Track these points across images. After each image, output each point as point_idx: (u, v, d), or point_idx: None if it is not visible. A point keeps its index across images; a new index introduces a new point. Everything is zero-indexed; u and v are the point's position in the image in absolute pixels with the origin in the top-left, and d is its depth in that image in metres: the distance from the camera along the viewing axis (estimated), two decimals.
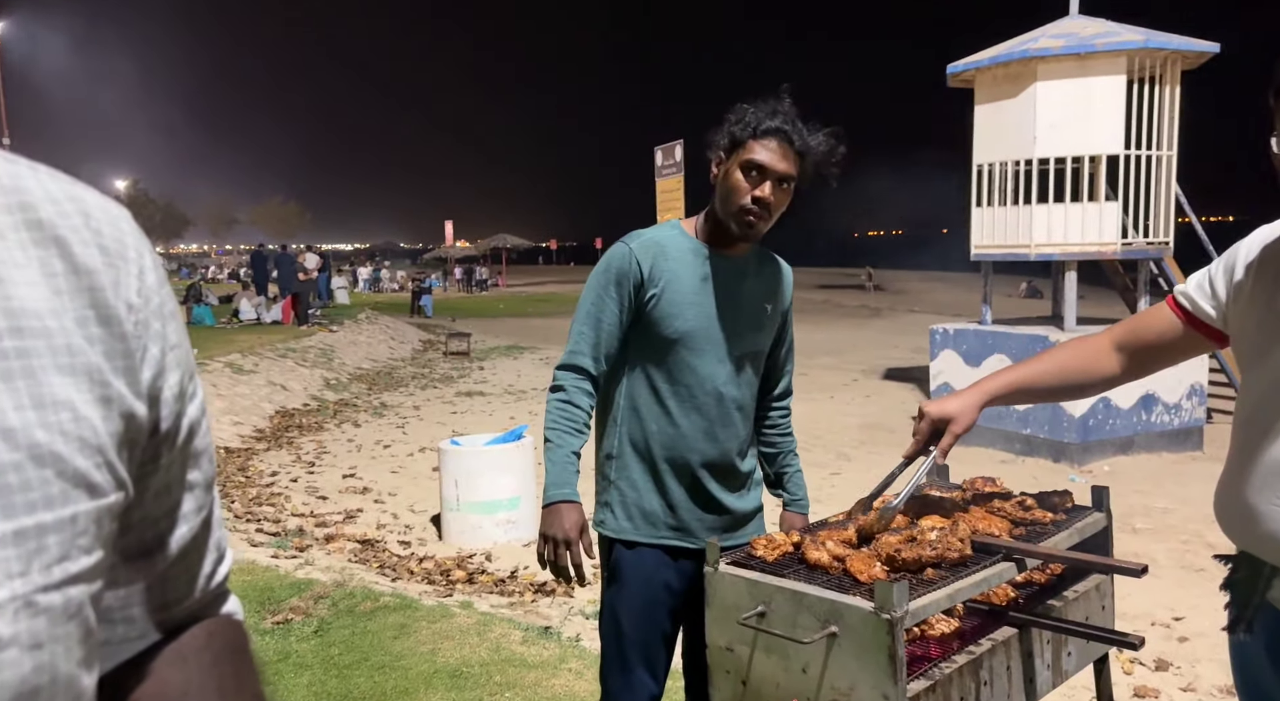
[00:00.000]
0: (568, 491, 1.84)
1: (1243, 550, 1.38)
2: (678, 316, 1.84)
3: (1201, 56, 8.07)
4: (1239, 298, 1.38)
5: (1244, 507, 1.34)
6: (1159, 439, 7.84)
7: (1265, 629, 1.34)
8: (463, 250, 46.70)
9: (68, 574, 0.47)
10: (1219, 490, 1.42)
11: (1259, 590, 1.33)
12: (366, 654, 3.24)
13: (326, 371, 12.80)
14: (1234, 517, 1.37)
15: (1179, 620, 4.40)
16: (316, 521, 6.15)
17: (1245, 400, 1.39)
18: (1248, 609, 1.35)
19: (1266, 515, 1.29)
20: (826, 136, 1.80)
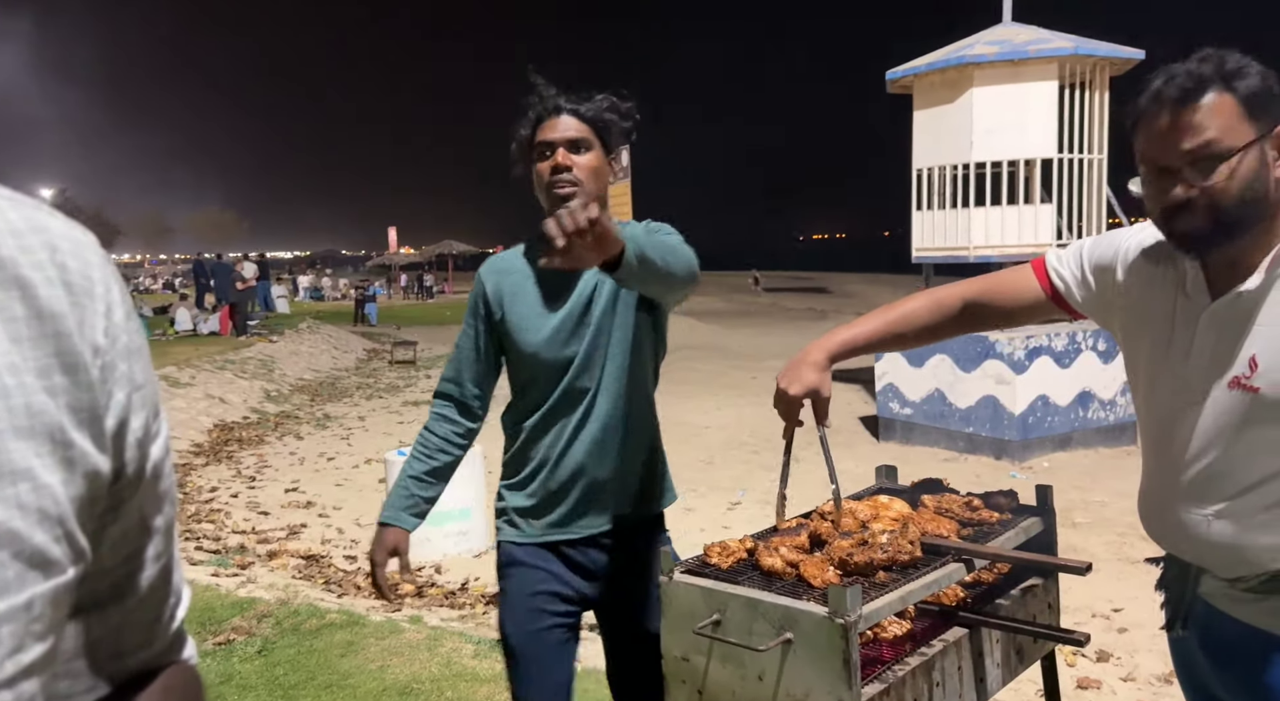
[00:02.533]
0: (388, 515, 1.94)
1: (1169, 552, 1.42)
2: (525, 330, 1.84)
3: (1128, 63, 8.35)
4: (1115, 300, 1.43)
5: (1163, 516, 1.39)
6: (1095, 435, 8.06)
7: (1198, 624, 1.38)
8: (407, 257, 46.13)
9: (20, 666, 0.42)
10: (1141, 498, 1.46)
11: (1189, 588, 1.38)
12: (313, 673, 3.15)
13: (267, 383, 12.50)
14: (1156, 524, 1.42)
15: (1118, 612, 4.52)
16: (259, 538, 5.99)
17: (1149, 410, 1.43)
18: (1181, 606, 1.40)
19: (1184, 522, 1.34)
20: (603, 97, 1.82)
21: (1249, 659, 1.30)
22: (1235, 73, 1.18)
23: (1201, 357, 1.29)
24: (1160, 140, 1.23)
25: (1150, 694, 3.69)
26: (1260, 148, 1.19)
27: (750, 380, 13.04)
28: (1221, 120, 1.18)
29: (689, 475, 7.57)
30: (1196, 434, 1.30)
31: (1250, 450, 1.25)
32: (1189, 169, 1.21)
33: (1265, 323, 1.23)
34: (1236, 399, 1.25)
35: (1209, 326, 1.28)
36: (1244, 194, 1.20)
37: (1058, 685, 1.76)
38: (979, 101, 8.12)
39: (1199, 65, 1.20)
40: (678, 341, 20.77)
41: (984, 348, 7.79)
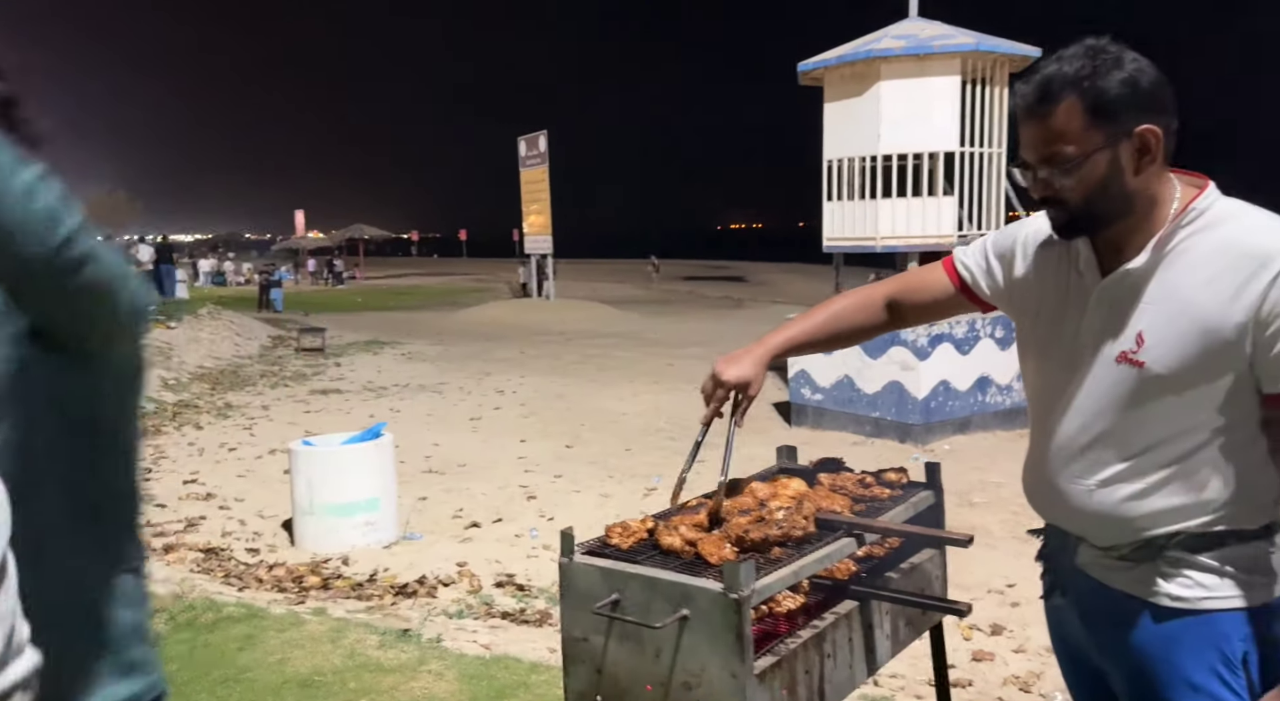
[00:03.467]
0: None
1: (1050, 523, 1.50)
2: None
3: (1026, 60, 8.69)
4: (1017, 285, 1.49)
5: (1047, 487, 1.46)
6: (993, 418, 8.41)
7: (1076, 592, 1.46)
8: (316, 241, 44.73)
9: None
10: (1025, 470, 1.54)
11: (1068, 558, 1.46)
12: (207, 668, 3.04)
13: (164, 371, 11.97)
14: (1040, 496, 1.50)
15: (1012, 587, 4.73)
16: (154, 531, 5.74)
17: (1040, 385, 1.50)
18: (1060, 576, 1.47)
19: (1067, 492, 1.41)
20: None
21: (1120, 623, 1.38)
22: (1093, 75, 1.23)
23: (1091, 333, 1.36)
24: (1023, 139, 1.32)
25: (1039, 663, 3.88)
26: (1111, 151, 1.25)
27: (667, 367, 13.13)
28: (1068, 128, 1.25)
29: (606, 462, 7.60)
30: (1084, 407, 1.37)
31: (1134, 422, 1.32)
32: (1044, 168, 1.29)
33: (1151, 300, 1.29)
34: (1123, 373, 1.31)
35: (1099, 303, 1.35)
36: (1091, 196, 1.27)
37: (944, 654, 1.83)
38: (886, 95, 8.33)
39: (1060, 67, 1.25)
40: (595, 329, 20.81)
41: (890, 335, 8.03)
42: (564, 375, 12.60)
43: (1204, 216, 1.29)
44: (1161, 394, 1.29)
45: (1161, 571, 1.34)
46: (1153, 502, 1.32)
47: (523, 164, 23.29)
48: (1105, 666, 1.45)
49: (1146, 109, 1.25)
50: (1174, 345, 1.27)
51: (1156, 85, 1.25)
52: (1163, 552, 1.34)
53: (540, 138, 22.63)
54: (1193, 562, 1.32)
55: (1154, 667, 1.35)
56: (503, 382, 12.00)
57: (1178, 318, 1.27)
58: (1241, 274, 1.23)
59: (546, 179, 22.38)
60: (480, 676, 3.06)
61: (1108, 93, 1.23)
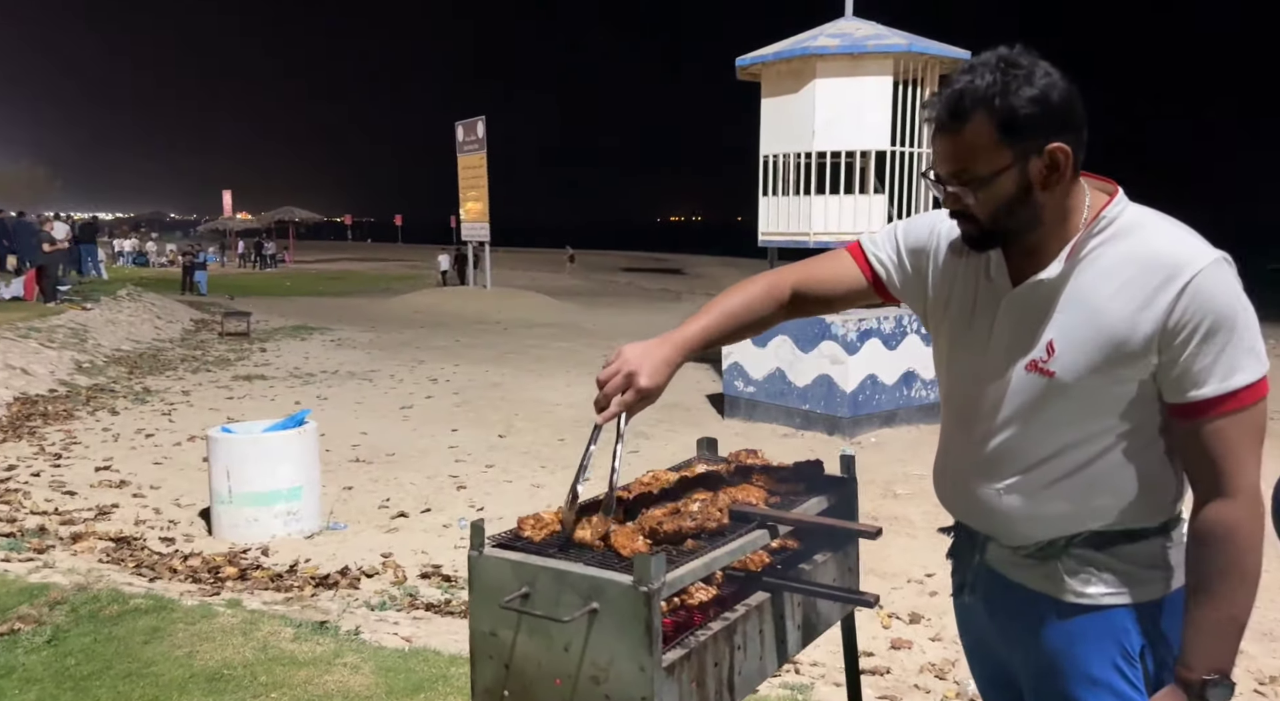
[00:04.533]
0: None
1: (959, 521, 1.52)
2: None
3: (956, 62, 8.88)
4: (927, 283, 1.49)
5: (956, 487, 1.48)
6: (917, 412, 8.61)
7: (983, 588, 1.49)
8: (244, 222, 43.40)
9: None
10: (937, 471, 1.55)
11: (977, 556, 1.48)
12: (110, 662, 2.92)
13: (78, 353, 11.48)
14: (949, 495, 1.52)
15: (931, 576, 4.86)
16: (62, 519, 5.51)
17: (949, 388, 1.51)
18: (969, 573, 1.50)
19: (975, 494, 1.43)
20: None
21: (1026, 619, 1.41)
22: (1004, 92, 1.20)
23: (1001, 340, 1.36)
24: (935, 152, 1.32)
25: (955, 651, 3.99)
26: (1019, 169, 1.24)
27: (602, 358, 13.11)
28: (976, 146, 1.24)
29: (540, 452, 7.55)
30: (993, 412, 1.38)
31: (1042, 428, 1.33)
32: (953, 183, 1.29)
33: (1061, 309, 1.30)
34: (1032, 381, 1.32)
35: (1009, 310, 1.35)
36: (999, 212, 1.27)
37: (855, 644, 1.86)
38: (821, 92, 8.43)
39: (972, 81, 1.23)
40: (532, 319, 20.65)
41: (821, 329, 8.15)
42: (499, 364, 12.48)
43: (1114, 224, 1.29)
44: (1069, 401, 1.31)
45: (1067, 569, 1.37)
46: (1058, 505, 1.35)
47: (460, 149, 22.95)
48: (1012, 662, 1.48)
49: (1057, 127, 1.23)
50: (1082, 354, 1.28)
51: (1067, 100, 1.23)
52: (1067, 551, 1.36)
53: (479, 123, 22.31)
54: (1095, 560, 1.35)
55: (1057, 662, 1.38)
56: (436, 371, 11.84)
57: (1087, 326, 1.28)
58: (1150, 285, 1.24)
59: (484, 165, 22.09)
60: (398, 669, 3.01)
61: (1018, 111, 1.21)
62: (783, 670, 3.39)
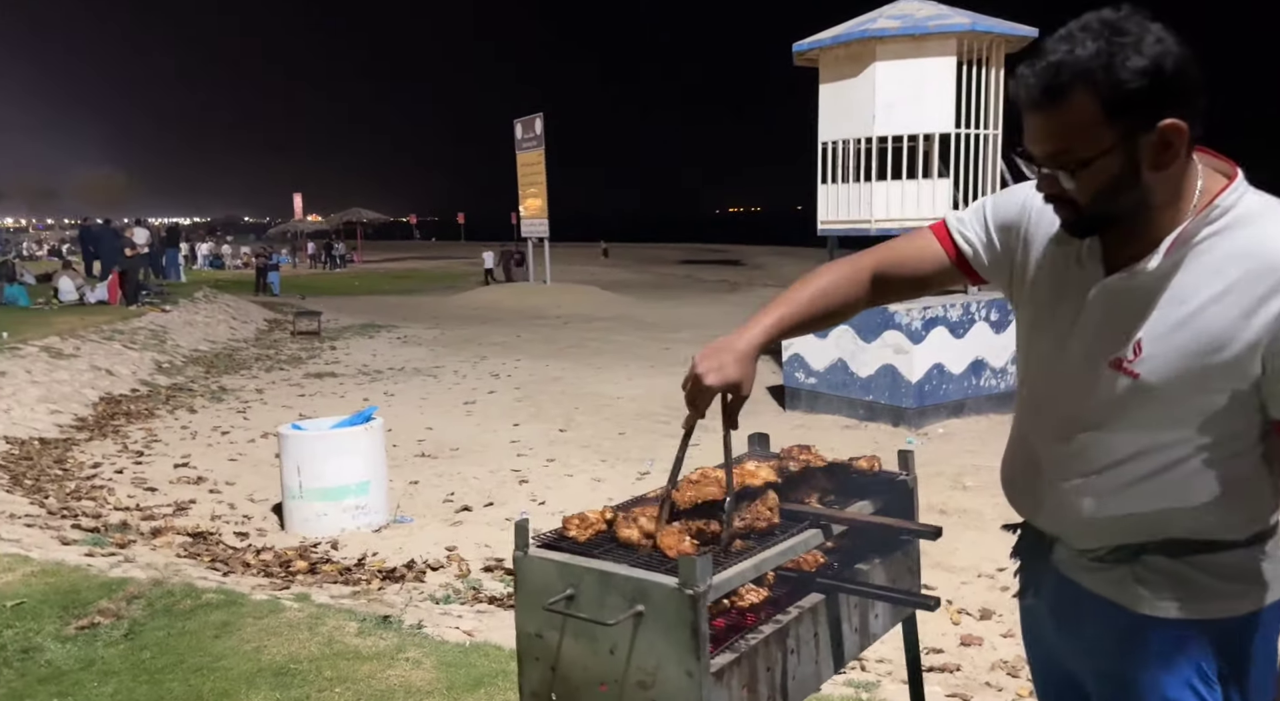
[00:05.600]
0: None
1: (1026, 520, 1.42)
2: None
3: (1023, 40, 8.58)
4: (1017, 262, 1.36)
5: (1028, 485, 1.38)
6: (987, 401, 8.37)
7: (1049, 591, 1.39)
8: (313, 224, 44.57)
9: None
10: (1005, 464, 1.44)
11: (1043, 555, 1.38)
12: (182, 656, 3.01)
13: (159, 354, 11.93)
14: (1016, 491, 1.41)
15: (1001, 571, 4.71)
16: (143, 514, 5.73)
17: (1025, 377, 1.39)
18: (1033, 574, 1.40)
19: (1048, 494, 1.32)
20: None
21: (1093, 626, 1.31)
22: (1109, 64, 1.07)
23: (1085, 332, 1.25)
24: (1027, 130, 1.19)
25: None
26: (1127, 149, 1.11)
27: (663, 351, 13.08)
28: (1077, 126, 1.11)
29: (600, 446, 7.57)
30: (1069, 407, 1.28)
31: (1120, 429, 1.23)
32: (1049, 165, 1.17)
33: (1156, 306, 1.17)
34: (1114, 380, 1.21)
35: (1097, 301, 1.23)
36: (1100, 197, 1.15)
37: (917, 646, 1.79)
38: (881, 76, 8.23)
39: (1071, 51, 1.09)
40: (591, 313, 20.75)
41: (884, 318, 7.97)
42: (559, 359, 12.56)
43: (1229, 214, 1.14)
44: (1153, 405, 1.19)
45: (1139, 576, 1.26)
46: (1133, 510, 1.24)
47: (519, 147, 23.15)
48: (1078, 671, 1.38)
49: (1171, 100, 1.08)
50: (1173, 357, 1.16)
51: (1182, 69, 1.08)
52: (1140, 557, 1.25)
53: (536, 121, 22.47)
54: (1169, 569, 1.24)
55: (1128, 678, 1.28)
56: (498, 366, 11.97)
57: (1182, 328, 1.15)
58: (1261, 288, 1.10)
59: (543, 162, 22.24)
60: (459, 664, 3.03)
61: (1125, 85, 1.07)
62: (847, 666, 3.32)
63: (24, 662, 3.00)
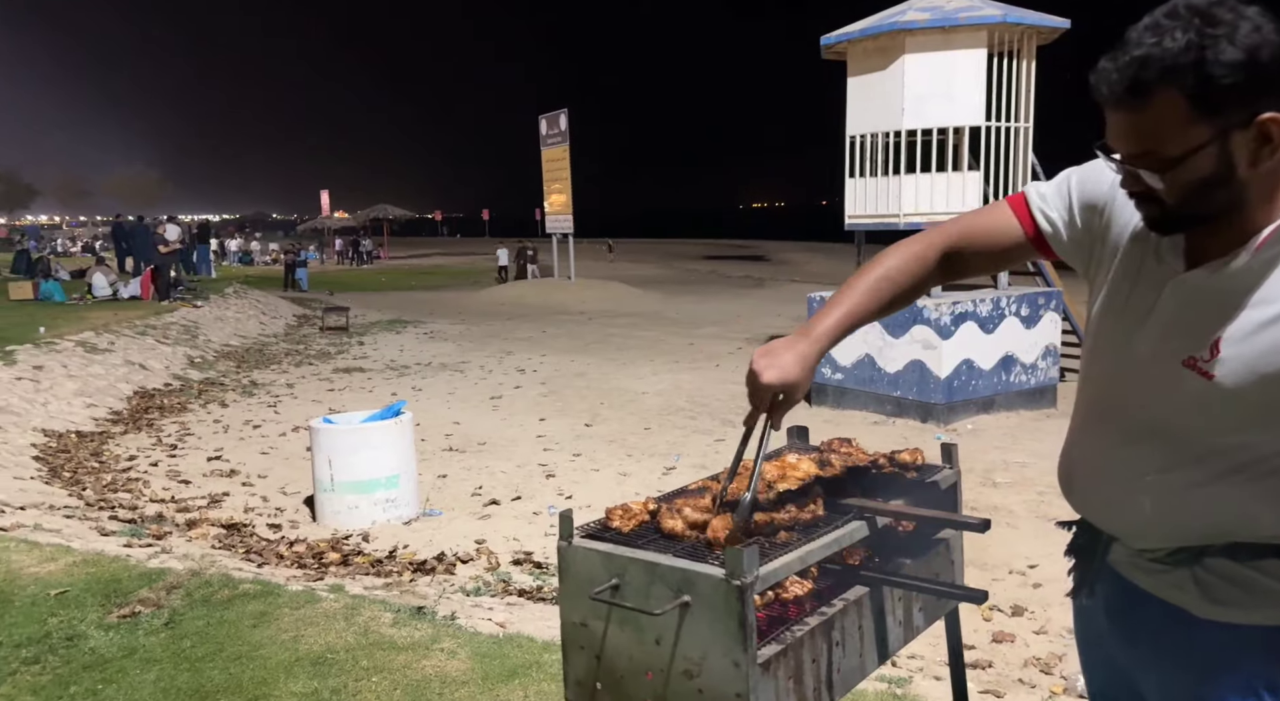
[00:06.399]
0: None
1: (1083, 517, 1.37)
2: None
3: (1054, 32, 8.47)
4: (1097, 243, 1.31)
5: (1086, 482, 1.32)
6: (1017, 398, 8.29)
7: (1104, 591, 1.34)
8: (341, 221, 44.95)
9: None
10: (1064, 458, 1.38)
11: (1099, 554, 1.33)
12: (222, 645, 3.06)
13: (190, 349, 12.10)
14: (1076, 489, 1.35)
15: (1034, 567, 4.67)
16: (178, 507, 5.82)
17: (1090, 369, 1.33)
18: (1089, 573, 1.35)
19: (1108, 491, 1.27)
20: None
21: (1152, 629, 1.27)
22: (1199, 58, 1.00)
23: (1158, 326, 1.19)
24: (1110, 127, 1.13)
25: (1061, 646, 3.83)
26: (1220, 146, 1.05)
27: (688, 346, 13.08)
28: (1165, 124, 1.05)
29: (625, 440, 7.59)
30: (1136, 404, 1.22)
31: (1189, 431, 1.17)
32: (1135, 164, 1.11)
33: (1238, 306, 1.11)
34: (1186, 379, 1.15)
35: (1173, 295, 1.17)
36: (1191, 196, 1.09)
37: (960, 640, 1.78)
38: (910, 68, 8.15)
39: (1159, 44, 1.02)
40: (615, 309, 20.77)
41: (912, 313, 7.91)
42: (584, 354, 12.59)
43: None
44: (1225, 407, 1.13)
45: (1200, 579, 1.20)
46: (1198, 510, 1.18)
47: (544, 142, 23.20)
48: (1135, 676, 1.33)
49: (1270, 92, 1.01)
50: (1252, 361, 1.10)
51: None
52: (1202, 559, 1.20)
53: (561, 116, 22.50)
54: (1234, 573, 1.18)
55: (1188, 682, 1.23)
56: (523, 361, 12.02)
57: (1265, 333, 1.09)
58: None
59: (567, 157, 22.28)
60: (493, 655, 3.05)
61: (1218, 80, 1.00)
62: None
63: (69, 650, 3.05)
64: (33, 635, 3.15)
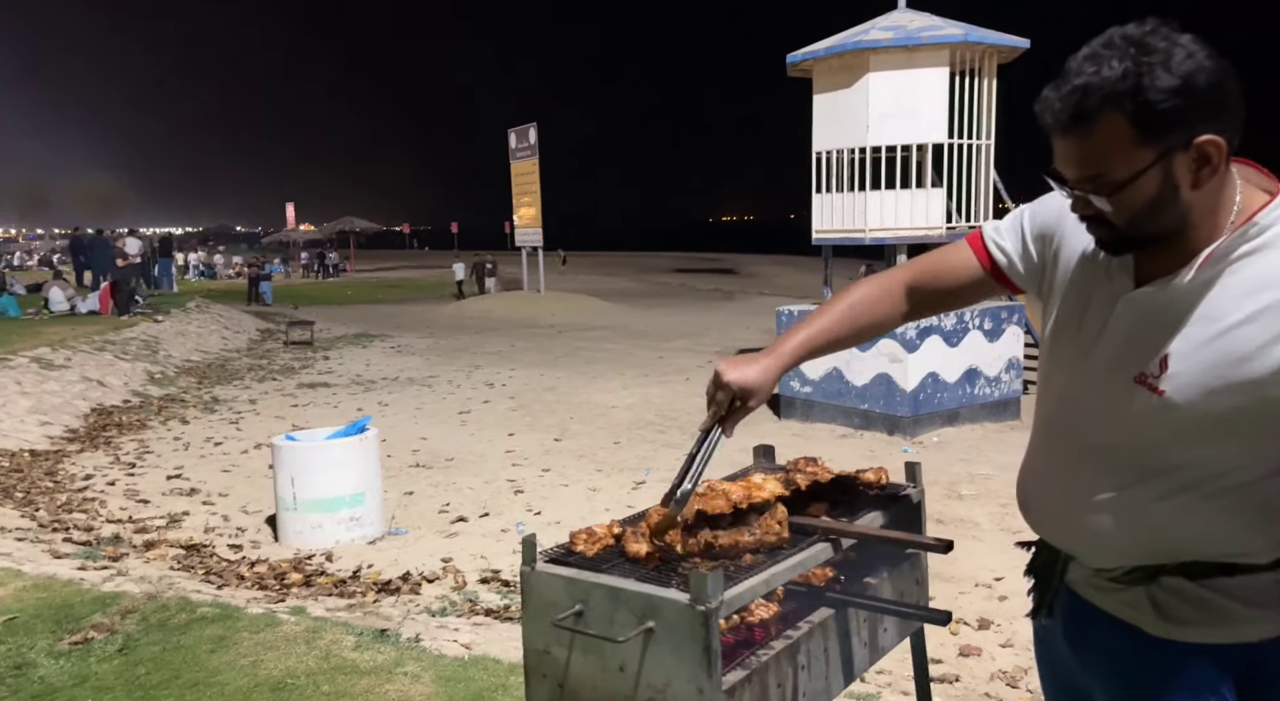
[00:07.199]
0: None
1: (1041, 537, 1.39)
2: None
3: (1014, 51, 8.64)
4: (1052, 270, 1.33)
5: (1044, 501, 1.34)
6: (981, 410, 8.38)
7: (1063, 610, 1.35)
8: (306, 234, 44.50)
9: None
10: (1022, 478, 1.40)
11: (1057, 574, 1.34)
12: (178, 671, 2.98)
13: (150, 365, 11.87)
14: (1035, 509, 1.36)
15: (999, 580, 4.70)
16: (136, 527, 5.68)
17: (1046, 389, 1.35)
18: (1048, 593, 1.36)
19: (1065, 511, 1.28)
20: None
21: (1108, 648, 1.28)
22: (1137, 85, 1.04)
23: (1110, 345, 1.21)
24: (1057, 153, 1.16)
25: (1027, 659, 3.85)
26: (1163, 168, 1.08)
27: (657, 360, 13.08)
28: (1109, 149, 1.08)
29: (595, 455, 7.55)
30: (1090, 422, 1.25)
31: (1142, 447, 1.19)
32: (1083, 188, 1.14)
33: (1184, 323, 1.14)
34: (1138, 395, 1.18)
35: (1124, 314, 1.20)
36: (1139, 217, 1.12)
37: (926, 661, 1.78)
38: (875, 86, 8.26)
39: (1097, 72, 1.06)
40: (585, 322, 20.73)
41: None
42: (553, 368, 12.54)
43: (1267, 233, 1.11)
44: (1176, 423, 1.16)
45: (1155, 598, 1.22)
46: (1153, 528, 1.20)
47: (513, 156, 23.18)
48: (1091, 692, 1.34)
49: (1206, 115, 1.05)
50: (1199, 376, 1.13)
51: (1217, 82, 1.05)
52: (1157, 578, 1.22)
53: (530, 130, 22.52)
54: (1187, 592, 1.20)
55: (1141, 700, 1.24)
56: (492, 375, 11.94)
57: (1210, 348, 1.12)
58: None
59: (537, 171, 22.29)
60: (458, 678, 3.01)
61: (1157, 105, 1.04)
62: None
63: (17, 679, 2.96)
64: None
